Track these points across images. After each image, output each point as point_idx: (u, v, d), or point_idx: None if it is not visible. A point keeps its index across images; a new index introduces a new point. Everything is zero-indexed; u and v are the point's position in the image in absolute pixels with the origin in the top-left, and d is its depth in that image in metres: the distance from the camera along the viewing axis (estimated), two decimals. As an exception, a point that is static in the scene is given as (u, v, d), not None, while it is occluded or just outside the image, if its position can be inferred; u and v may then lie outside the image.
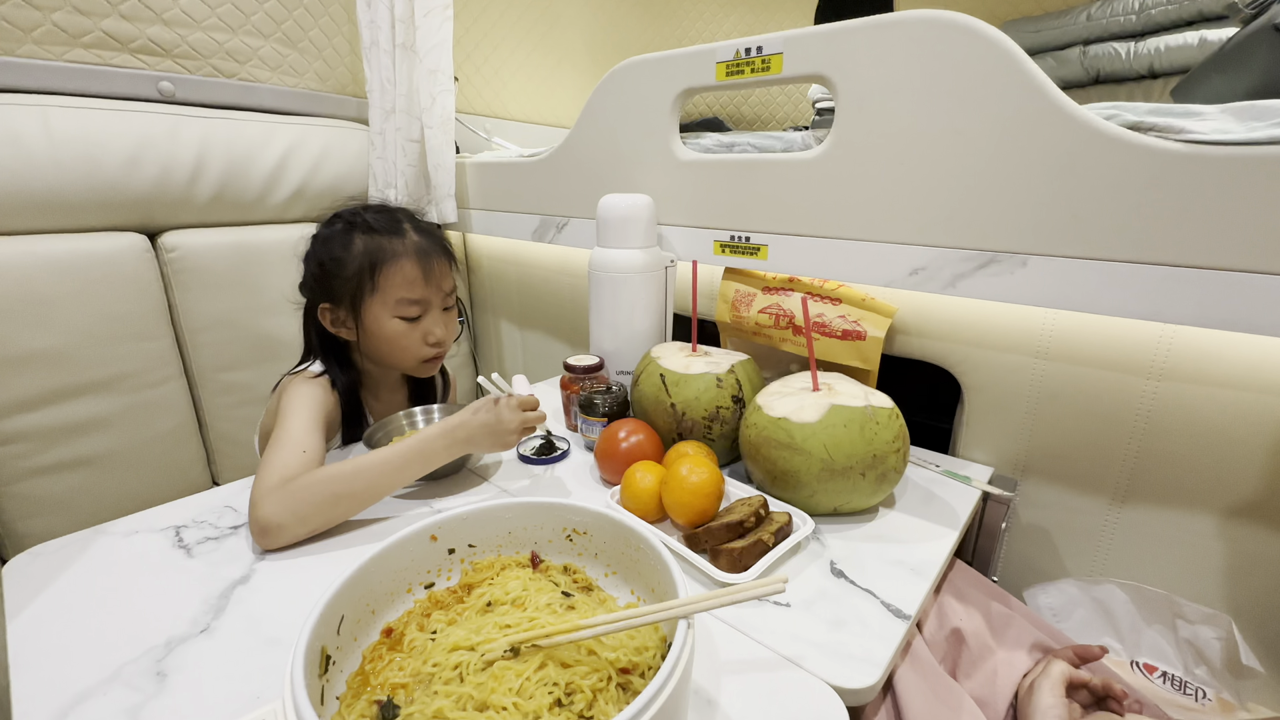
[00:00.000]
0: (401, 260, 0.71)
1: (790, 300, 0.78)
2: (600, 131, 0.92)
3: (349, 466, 0.58)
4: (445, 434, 0.61)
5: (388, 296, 0.71)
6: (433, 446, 0.60)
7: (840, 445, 0.56)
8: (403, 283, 0.71)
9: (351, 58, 1.20)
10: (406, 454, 0.59)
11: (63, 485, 0.88)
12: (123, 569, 0.53)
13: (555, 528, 0.46)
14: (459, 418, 0.62)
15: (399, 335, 0.73)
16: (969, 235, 0.61)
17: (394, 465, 0.59)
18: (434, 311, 0.75)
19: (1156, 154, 0.50)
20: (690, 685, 0.40)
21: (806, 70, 0.68)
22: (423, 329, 0.74)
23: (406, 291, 0.71)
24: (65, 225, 0.86)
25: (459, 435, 0.61)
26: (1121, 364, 0.61)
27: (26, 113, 0.83)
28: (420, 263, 0.72)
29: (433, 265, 0.73)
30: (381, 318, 0.72)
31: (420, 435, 0.61)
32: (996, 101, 0.56)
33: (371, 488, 0.58)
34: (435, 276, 0.73)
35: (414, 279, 0.71)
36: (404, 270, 0.71)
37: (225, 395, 1.03)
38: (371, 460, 0.58)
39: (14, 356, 0.81)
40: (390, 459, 0.59)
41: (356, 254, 0.71)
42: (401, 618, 0.40)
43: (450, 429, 0.61)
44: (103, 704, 0.40)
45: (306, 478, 0.56)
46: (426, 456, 0.60)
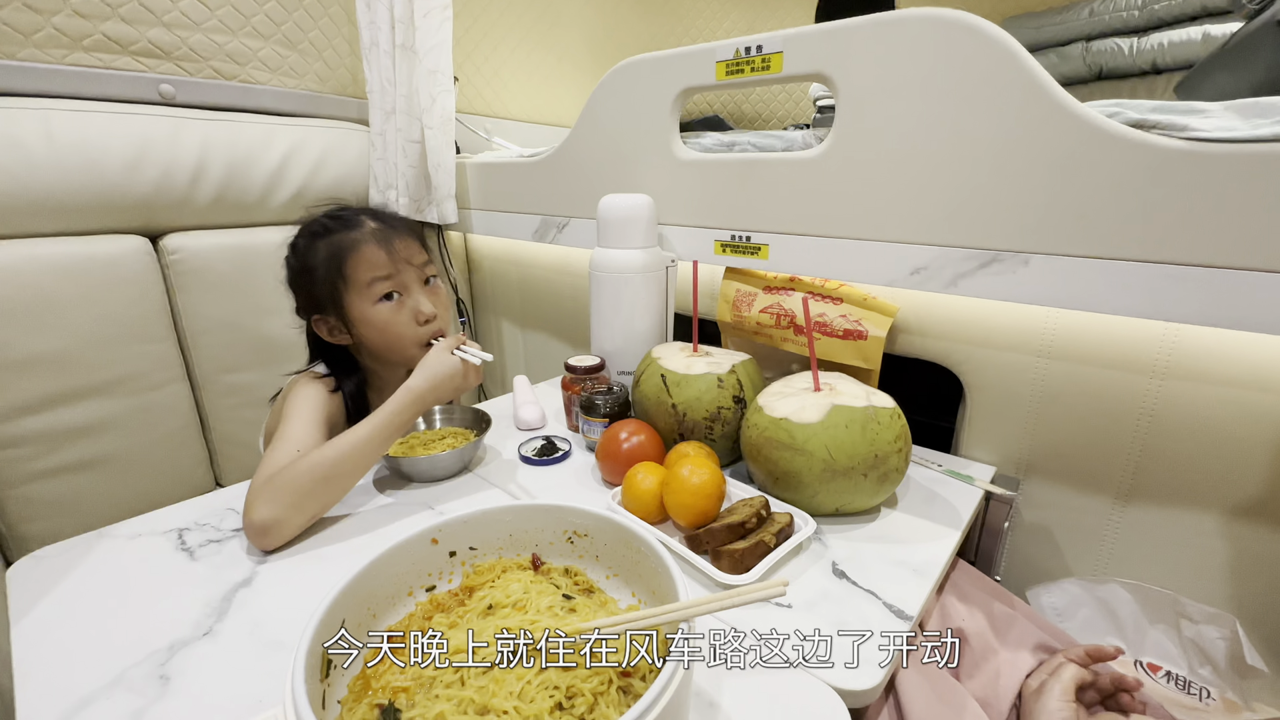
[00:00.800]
0: (361, 246, 0.72)
1: (791, 300, 0.78)
2: (600, 131, 0.92)
3: (329, 449, 0.59)
4: (417, 398, 0.64)
5: (360, 285, 0.72)
6: (403, 415, 0.63)
7: (842, 446, 0.56)
8: (368, 266, 0.72)
9: (351, 59, 1.20)
10: (381, 426, 0.62)
11: (66, 488, 0.88)
12: (126, 572, 0.54)
13: (556, 530, 0.46)
14: (422, 379, 0.65)
15: (387, 321, 0.73)
16: (971, 234, 0.61)
17: (373, 440, 0.61)
18: (413, 289, 0.75)
19: (1159, 152, 0.50)
20: (691, 688, 0.39)
21: (807, 69, 0.68)
22: (409, 308, 0.74)
23: (373, 272, 0.72)
24: (67, 228, 0.87)
25: (429, 394, 0.65)
26: (1125, 363, 0.61)
27: (28, 116, 0.83)
28: (379, 243, 0.72)
29: (393, 243, 0.73)
30: (364, 309, 0.73)
31: (386, 408, 0.63)
32: (998, 100, 0.56)
33: (355, 464, 0.60)
34: (399, 252, 0.73)
35: (377, 259, 0.72)
36: (365, 254, 0.72)
37: (227, 397, 1.04)
38: (349, 439, 0.60)
39: (17, 359, 0.82)
40: (368, 434, 0.61)
41: (322, 258, 0.72)
42: (403, 620, 0.40)
43: (420, 393, 0.64)
44: (106, 708, 0.40)
45: (289, 469, 0.57)
46: (400, 425, 0.63)
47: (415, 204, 1.17)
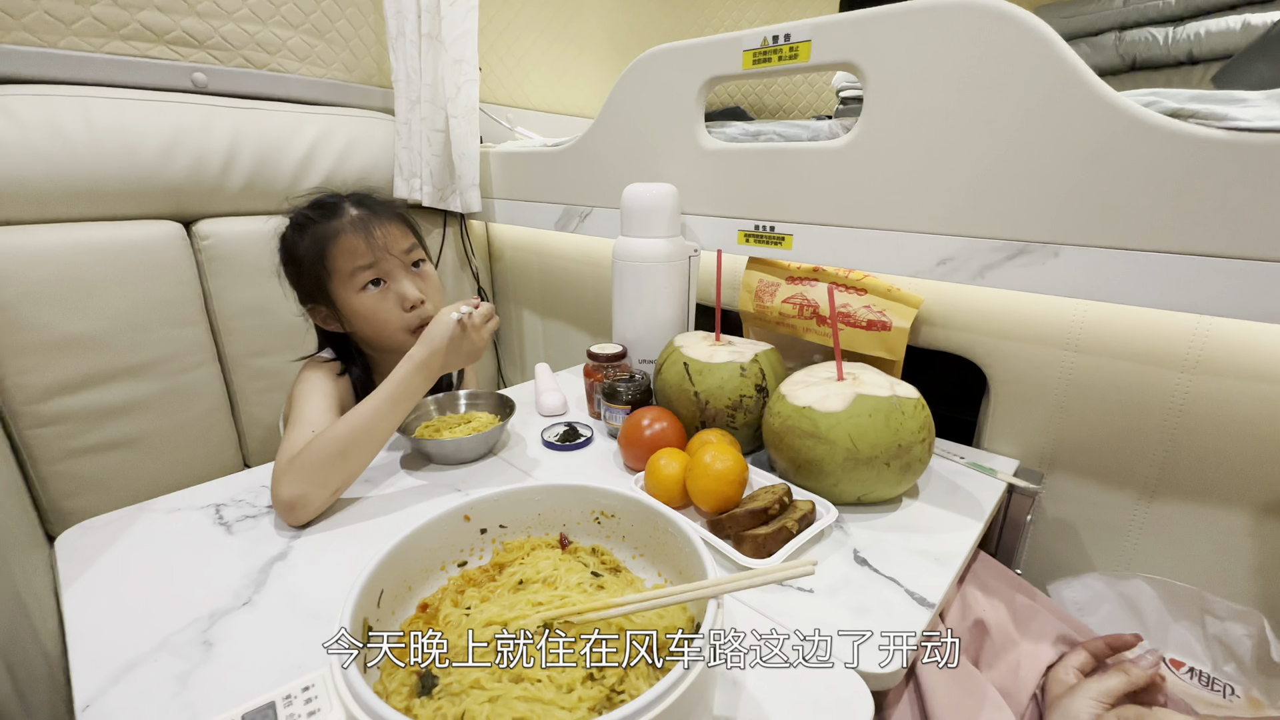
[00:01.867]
0: (340, 236, 0.73)
1: (814, 290, 0.78)
2: (625, 120, 0.92)
3: (341, 424, 0.60)
4: (421, 365, 0.63)
5: (342, 274, 0.73)
6: (408, 382, 0.63)
7: (865, 435, 0.56)
8: (348, 255, 0.72)
9: (377, 48, 1.21)
10: (388, 396, 0.62)
11: (103, 465, 0.91)
12: (167, 544, 0.56)
13: (584, 510, 0.47)
14: (425, 347, 0.64)
15: (373, 309, 0.74)
16: (999, 225, 0.60)
17: (382, 410, 0.62)
18: (397, 274, 0.75)
19: (1198, 142, 0.49)
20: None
21: (835, 58, 0.67)
22: (394, 294, 0.74)
23: (355, 261, 0.72)
24: (105, 213, 0.89)
25: (430, 360, 0.64)
26: (1154, 357, 0.60)
27: (68, 104, 0.85)
28: (359, 231, 0.73)
29: (372, 230, 0.73)
30: (349, 297, 0.74)
31: (392, 378, 0.63)
32: (1031, 88, 0.56)
33: (369, 436, 0.61)
34: (379, 239, 0.73)
35: (356, 247, 0.72)
36: (344, 244, 0.72)
37: (256, 380, 1.06)
38: (360, 412, 0.61)
39: (56, 340, 0.84)
40: (378, 405, 0.62)
41: (306, 249, 0.73)
42: (436, 594, 0.42)
43: (422, 359, 0.63)
44: (154, 669, 0.42)
45: (308, 447, 0.59)
46: (412, 391, 0.63)
47: (439, 192, 1.18)
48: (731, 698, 0.40)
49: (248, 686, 0.40)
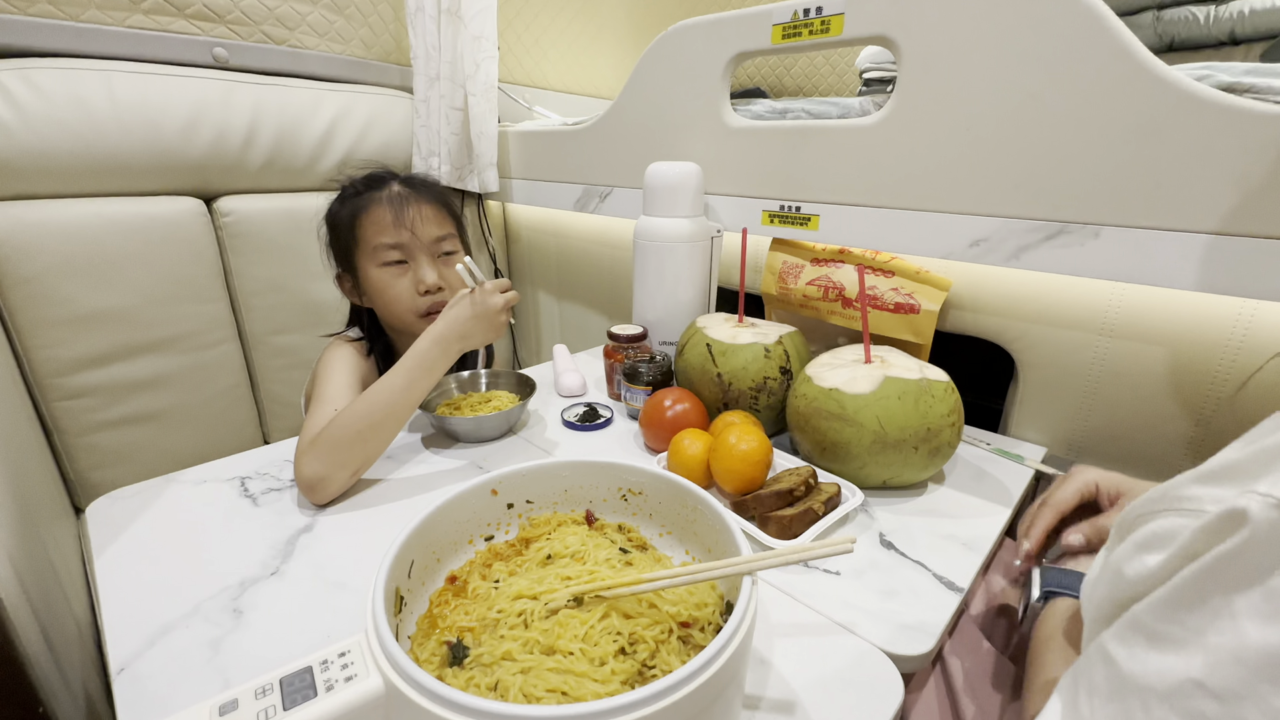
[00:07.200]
0: (375, 207, 0.73)
1: (839, 272, 0.77)
2: (648, 98, 0.90)
3: (360, 402, 0.60)
4: (438, 340, 0.63)
5: (367, 244, 0.73)
6: (430, 356, 0.62)
7: (894, 417, 0.55)
8: (375, 226, 0.72)
9: (395, 25, 1.20)
10: (410, 371, 0.61)
11: (127, 439, 0.93)
12: (195, 514, 0.56)
13: (611, 487, 0.46)
14: (442, 322, 0.63)
15: (386, 284, 0.73)
16: (1037, 205, 0.59)
17: (401, 386, 0.61)
18: (420, 258, 0.74)
19: (1254, 117, 0.47)
20: (752, 641, 0.40)
21: (869, 31, 0.65)
22: (412, 276, 0.74)
23: (380, 236, 0.72)
24: (128, 188, 0.89)
25: (450, 335, 0.63)
26: (1194, 342, 0.58)
27: (92, 77, 0.85)
28: (393, 207, 0.72)
29: (407, 210, 0.73)
30: (368, 269, 0.74)
31: (415, 350, 0.62)
32: (1078, 62, 0.53)
33: (388, 414, 0.60)
34: (410, 220, 0.73)
35: (385, 223, 0.72)
36: (375, 215, 0.72)
37: (276, 358, 1.07)
38: (379, 389, 0.61)
39: (82, 314, 0.85)
40: (395, 382, 0.61)
41: (344, 215, 0.74)
42: (464, 566, 0.42)
43: (439, 334, 0.63)
44: (186, 635, 0.42)
45: (329, 427, 0.58)
46: (428, 367, 0.62)
47: (457, 171, 1.17)
48: (760, 675, 0.39)
49: (278, 653, 0.41)
